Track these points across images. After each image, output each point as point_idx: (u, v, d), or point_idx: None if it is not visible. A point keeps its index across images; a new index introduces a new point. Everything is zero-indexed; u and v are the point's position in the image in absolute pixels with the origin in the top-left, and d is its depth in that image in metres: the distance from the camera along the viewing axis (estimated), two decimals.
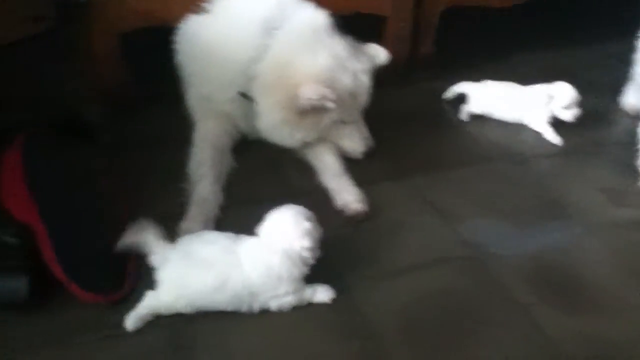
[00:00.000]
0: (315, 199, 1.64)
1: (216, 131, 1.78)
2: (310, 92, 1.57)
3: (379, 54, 1.81)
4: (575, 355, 1.26)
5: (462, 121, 2.11)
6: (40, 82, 1.94)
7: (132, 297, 1.30)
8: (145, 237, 1.26)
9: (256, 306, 1.29)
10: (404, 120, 2.09)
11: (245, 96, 1.71)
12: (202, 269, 1.26)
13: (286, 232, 1.27)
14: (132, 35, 1.94)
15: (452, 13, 2.32)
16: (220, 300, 1.27)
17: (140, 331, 1.26)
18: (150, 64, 1.94)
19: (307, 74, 1.60)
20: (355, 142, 1.78)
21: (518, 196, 1.74)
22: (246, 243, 1.30)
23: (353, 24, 1.83)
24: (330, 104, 1.60)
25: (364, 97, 1.74)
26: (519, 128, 2.07)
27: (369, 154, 1.80)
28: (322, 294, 1.35)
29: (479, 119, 2.11)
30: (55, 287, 1.28)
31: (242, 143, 1.86)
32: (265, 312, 1.31)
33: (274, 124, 1.69)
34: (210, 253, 1.28)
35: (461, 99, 2.14)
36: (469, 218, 1.64)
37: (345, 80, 1.65)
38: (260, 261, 1.27)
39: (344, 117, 1.72)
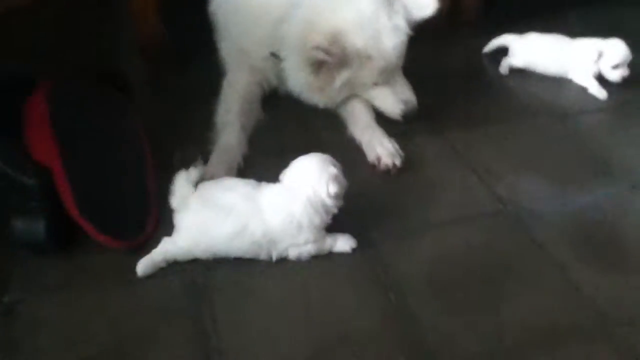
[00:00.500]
0: (344, 151, 1.56)
1: (246, 82, 1.74)
2: (314, 43, 1.52)
3: (425, 4, 1.69)
4: (611, 315, 1.20)
5: (502, 76, 2.01)
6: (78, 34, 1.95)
7: (154, 243, 1.28)
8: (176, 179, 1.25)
9: (275, 254, 1.26)
10: (443, 76, 2.00)
11: (276, 56, 1.68)
12: (220, 214, 1.23)
13: (310, 178, 1.24)
14: None
15: None
16: (239, 246, 1.24)
17: (157, 276, 1.24)
18: (187, 21, 1.93)
19: (319, 31, 1.54)
20: (390, 104, 1.68)
21: (559, 153, 1.65)
22: (267, 189, 1.27)
23: None
24: (329, 59, 1.53)
25: (387, 58, 1.61)
26: (563, 83, 1.96)
27: (410, 118, 1.68)
28: (343, 242, 1.31)
29: (521, 73, 2.00)
30: (75, 231, 1.27)
31: (274, 97, 1.81)
32: (284, 262, 1.28)
33: (300, 84, 1.67)
34: (229, 199, 1.25)
35: (504, 52, 2.03)
36: (506, 175, 1.57)
37: (356, 40, 1.56)
38: (281, 208, 1.24)
39: (365, 78, 1.62)
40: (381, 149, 1.57)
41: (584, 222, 1.43)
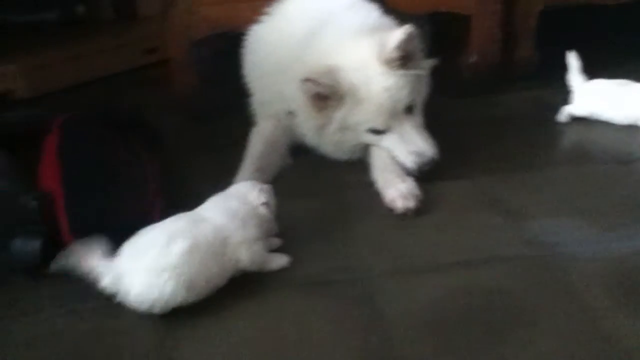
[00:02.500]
0: (363, 192, 1.52)
1: (271, 127, 1.74)
2: (305, 76, 1.47)
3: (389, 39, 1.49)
4: None
5: (561, 124, 1.83)
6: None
7: None
8: (89, 260, 1.15)
9: (233, 258, 1.18)
10: (491, 125, 1.87)
11: (292, 114, 1.66)
12: (162, 244, 1.12)
13: (240, 188, 1.30)
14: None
15: (553, 13, 2.07)
16: (199, 261, 1.13)
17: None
18: (224, 76, 1.96)
19: (312, 67, 1.50)
20: (401, 154, 1.53)
21: (606, 198, 1.43)
22: (203, 205, 1.27)
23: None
24: (322, 90, 1.48)
25: (378, 99, 1.49)
26: (632, 130, 1.74)
27: (424, 171, 1.51)
28: (278, 259, 1.26)
29: (585, 121, 1.81)
30: None
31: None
32: (266, 298, 1.18)
33: (307, 130, 1.63)
34: (165, 228, 1.17)
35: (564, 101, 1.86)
36: (539, 217, 1.37)
37: (348, 76, 1.48)
38: (220, 206, 1.24)
39: (362, 119, 1.52)
40: (395, 192, 1.45)
41: (626, 269, 1.19)
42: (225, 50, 2.00)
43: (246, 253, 1.20)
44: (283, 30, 1.72)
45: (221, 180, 1.53)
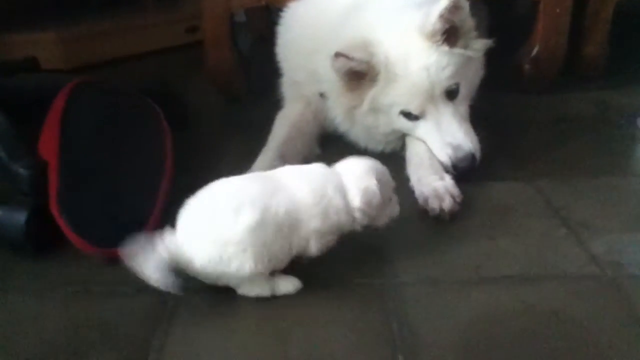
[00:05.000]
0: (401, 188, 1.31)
1: (298, 111, 1.58)
2: (337, 50, 1.28)
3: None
4: None
5: (634, 129, 1.60)
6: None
7: None
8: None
9: (297, 244, 1.00)
10: (553, 125, 1.67)
11: (323, 95, 1.50)
12: (229, 210, 0.96)
13: (344, 177, 1.03)
14: None
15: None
16: (263, 240, 0.96)
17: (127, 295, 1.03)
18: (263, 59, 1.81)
19: (345, 40, 1.33)
20: (435, 145, 1.35)
21: None
22: (288, 167, 1.08)
23: None
24: (354, 64, 1.29)
25: (414, 77, 1.31)
26: None
27: (461, 167, 1.32)
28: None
29: None
30: (59, 236, 1.12)
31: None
32: (276, 300, 1.01)
33: (336, 112, 1.46)
34: (237, 192, 0.99)
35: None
36: (607, 232, 1.16)
37: (383, 50, 1.30)
38: (311, 180, 1.02)
39: (394, 99, 1.34)
40: (429, 190, 1.26)
41: None
42: (267, 37, 1.85)
43: (315, 244, 1.02)
44: (321, 5, 1.55)
45: (246, 162, 1.38)
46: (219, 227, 0.95)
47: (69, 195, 1.13)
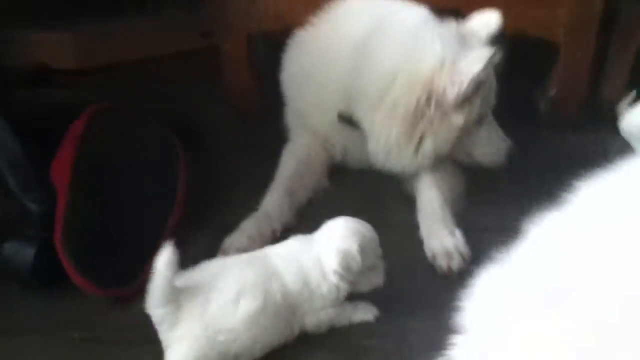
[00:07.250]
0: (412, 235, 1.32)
1: (306, 144, 1.56)
2: (417, 95, 1.28)
3: (488, 21, 1.40)
4: None
5: None
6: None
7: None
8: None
9: (296, 326, 1.03)
10: (564, 166, 1.64)
11: (347, 120, 1.47)
12: (229, 300, 0.96)
13: (323, 240, 1.03)
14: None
15: None
16: (264, 327, 0.97)
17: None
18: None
19: (412, 80, 1.30)
20: (494, 145, 1.44)
21: None
22: (281, 247, 1.07)
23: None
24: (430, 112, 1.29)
25: (493, 84, 1.41)
26: None
27: (511, 158, 1.46)
28: (364, 310, 1.06)
29: None
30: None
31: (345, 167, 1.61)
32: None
33: (388, 144, 1.40)
34: (232, 276, 0.99)
35: None
36: None
37: (474, 65, 1.28)
38: (296, 259, 1.03)
39: (480, 112, 1.38)
40: (438, 247, 1.25)
41: None
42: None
43: (311, 322, 1.03)
44: (332, 33, 1.53)
45: (263, 189, 1.40)
46: (216, 311, 0.95)
47: (74, 228, 1.13)
